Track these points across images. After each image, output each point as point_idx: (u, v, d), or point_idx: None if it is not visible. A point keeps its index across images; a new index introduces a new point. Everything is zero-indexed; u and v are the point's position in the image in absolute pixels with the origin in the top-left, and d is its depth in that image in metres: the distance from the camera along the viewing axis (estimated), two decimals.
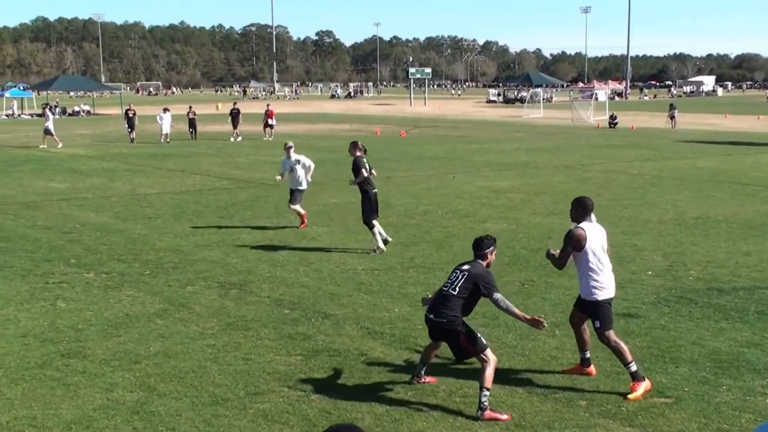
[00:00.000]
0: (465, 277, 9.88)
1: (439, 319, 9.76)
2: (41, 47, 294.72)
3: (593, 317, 10.06)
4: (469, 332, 9.73)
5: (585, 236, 10.02)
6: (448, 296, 9.81)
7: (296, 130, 63.97)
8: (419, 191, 27.64)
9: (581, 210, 10.32)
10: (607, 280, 10.06)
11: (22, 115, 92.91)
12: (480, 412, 9.29)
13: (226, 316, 13.11)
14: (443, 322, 9.72)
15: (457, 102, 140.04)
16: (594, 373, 10.46)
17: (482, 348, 9.65)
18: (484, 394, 9.33)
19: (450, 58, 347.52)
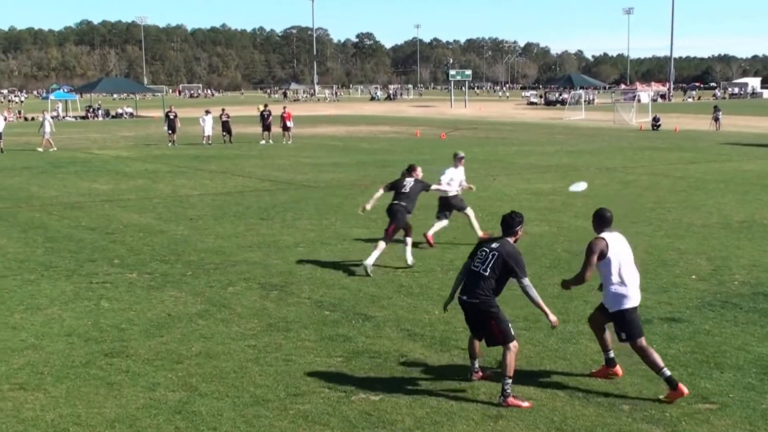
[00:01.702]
0: (495, 256, 9.95)
1: (472, 299, 9.90)
2: (85, 50, 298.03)
3: (620, 328, 10.01)
4: (502, 318, 9.88)
5: (606, 245, 10.12)
6: (480, 276, 9.91)
7: (336, 132, 64.15)
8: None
9: (600, 221, 10.45)
10: (632, 289, 10.09)
11: (67, 117, 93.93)
12: (503, 398, 9.44)
13: (267, 317, 13.17)
14: (477, 303, 9.88)
15: (497, 104, 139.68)
16: (620, 374, 10.40)
17: (511, 338, 9.76)
18: (507, 383, 9.49)
19: (490, 60, 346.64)
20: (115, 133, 63.84)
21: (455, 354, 11.26)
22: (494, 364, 10.59)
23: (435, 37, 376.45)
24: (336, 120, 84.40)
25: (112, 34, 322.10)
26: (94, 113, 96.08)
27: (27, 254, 18.07)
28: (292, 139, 52.62)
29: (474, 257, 10.13)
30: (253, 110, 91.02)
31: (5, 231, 21.02)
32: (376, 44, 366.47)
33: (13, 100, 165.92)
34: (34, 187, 29.95)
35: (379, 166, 37.18)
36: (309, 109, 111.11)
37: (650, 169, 35.12)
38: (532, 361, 10.94)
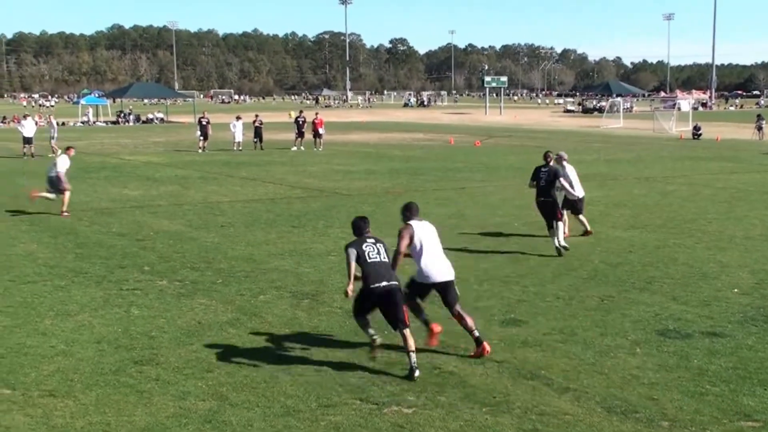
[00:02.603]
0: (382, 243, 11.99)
1: (393, 282, 11.52)
2: (116, 55, 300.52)
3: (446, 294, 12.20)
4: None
5: (414, 231, 12.16)
6: (386, 263, 11.67)
7: (369, 139, 64.23)
8: (494, 202, 27.54)
9: (408, 211, 12.68)
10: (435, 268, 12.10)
11: (97, 122, 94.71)
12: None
13: (298, 326, 13.19)
14: (396, 284, 11.56)
15: (533, 111, 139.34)
16: (488, 350, 11.69)
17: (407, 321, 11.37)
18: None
19: (526, 67, 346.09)
20: (146, 139, 64.30)
21: (489, 366, 11.23)
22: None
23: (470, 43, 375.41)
24: (368, 127, 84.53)
25: (144, 38, 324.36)
26: (125, 118, 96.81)
27: (57, 260, 18.23)
28: (323, 146, 52.71)
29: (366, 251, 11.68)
30: (284, 116, 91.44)
31: (36, 236, 21.22)
32: (409, 50, 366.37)
33: (44, 105, 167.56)
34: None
35: (412, 173, 37.19)
36: (341, 116, 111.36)
37: (690, 179, 34.89)
38: (569, 375, 10.88)
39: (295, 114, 59.26)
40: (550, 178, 19.33)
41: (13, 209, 25.98)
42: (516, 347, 12.05)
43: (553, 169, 19.52)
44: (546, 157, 19.91)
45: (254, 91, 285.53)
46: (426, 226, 12.62)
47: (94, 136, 68.54)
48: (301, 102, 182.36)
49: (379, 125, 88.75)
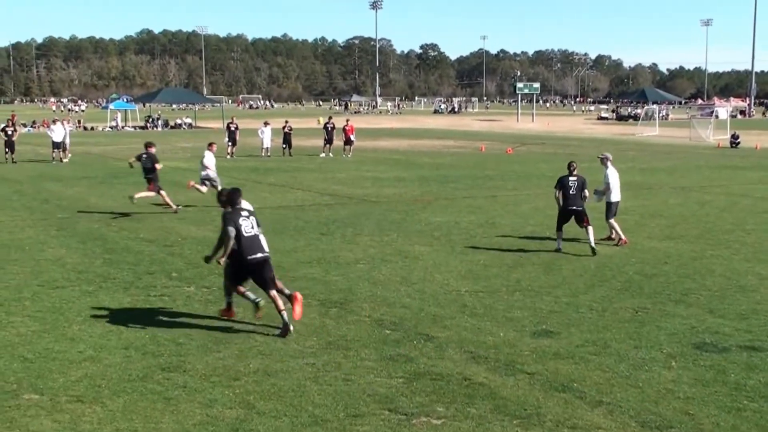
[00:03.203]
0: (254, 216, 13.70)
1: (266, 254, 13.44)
2: (145, 59, 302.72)
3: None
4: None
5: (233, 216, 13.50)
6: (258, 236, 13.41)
7: (398, 146, 64.27)
8: (526, 211, 27.48)
9: (230, 199, 13.78)
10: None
11: (126, 127, 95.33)
12: None
13: (326, 335, 13.22)
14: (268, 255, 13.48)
15: (566, 118, 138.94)
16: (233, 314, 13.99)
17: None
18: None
19: (560, 73, 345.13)
20: (174, 144, 64.61)
21: (520, 378, 11.20)
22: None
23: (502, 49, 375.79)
24: (398, 133, 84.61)
25: (173, 43, 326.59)
26: (153, 123, 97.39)
27: (86, 265, 18.37)
28: (352, 153, 52.74)
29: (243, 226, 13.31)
30: (313, 122, 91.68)
31: (64, 241, 21.39)
32: (440, 55, 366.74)
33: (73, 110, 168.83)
34: (92, 197, 30.44)
35: (442, 181, 37.18)
36: (370, 122, 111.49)
37: (728, 189, 34.66)
38: (602, 388, 10.83)
39: (323, 120, 59.36)
40: (579, 188, 20.18)
41: (42, 214, 26.17)
42: (548, 359, 12.02)
43: (581, 178, 20.37)
44: (570, 166, 20.66)
45: (283, 96, 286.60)
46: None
47: (122, 141, 69.01)
48: (330, 108, 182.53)
49: (409, 132, 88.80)
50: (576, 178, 20.37)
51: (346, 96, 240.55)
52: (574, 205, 20.22)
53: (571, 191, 20.22)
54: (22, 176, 38.64)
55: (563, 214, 20.49)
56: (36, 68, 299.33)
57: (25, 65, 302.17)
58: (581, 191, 20.31)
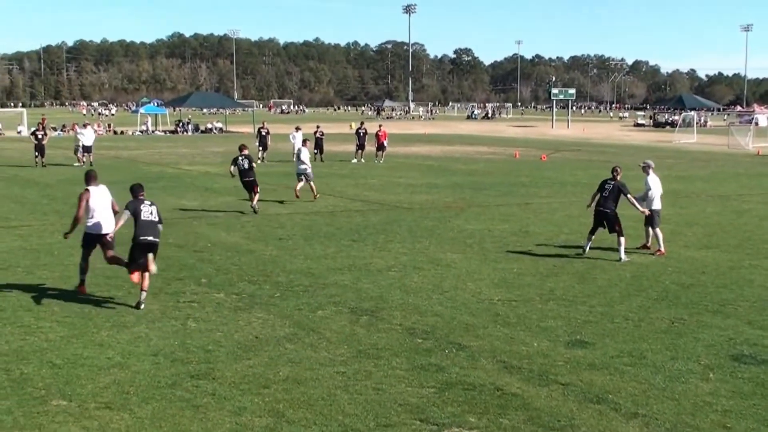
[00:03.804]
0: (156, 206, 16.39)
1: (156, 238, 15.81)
2: (176, 63, 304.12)
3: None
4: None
5: (90, 194, 16.40)
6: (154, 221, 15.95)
7: (431, 152, 64.24)
8: (560, 219, 27.38)
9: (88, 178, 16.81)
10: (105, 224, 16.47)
11: (156, 132, 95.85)
12: None
13: (356, 343, 13.23)
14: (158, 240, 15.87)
15: (602, 125, 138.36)
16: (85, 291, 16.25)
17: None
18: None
19: (595, 79, 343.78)
20: (204, 149, 64.93)
21: (554, 389, 11.16)
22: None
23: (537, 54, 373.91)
24: (431, 139, 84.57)
25: (204, 47, 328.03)
26: (184, 128, 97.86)
27: (114, 270, 18.40)
28: (384, 159, 52.74)
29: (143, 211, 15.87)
30: (345, 127, 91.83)
31: None
32: (474, 60, 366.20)
33: (102, 114, 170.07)
34: (121, 202, 30.46)
35: (475, 188, 37.13)
36: (403, 128, 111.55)
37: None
38: (638, 400, 10.77)
39: (356, 125, 59.41)
40: (613, 193, 20.47)
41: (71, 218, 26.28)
42: (582, 370, 11.97)
43: (618, 184, 20.58)
44: (614, 171, 20.98)
45: (314, 101, 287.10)
46: (101, 189, 16.86)
47: (152, 146, 69.40)
48: (362, 113, 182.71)
49: (442, 138, 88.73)
50: (614, 183, 20.65)
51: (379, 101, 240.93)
52: (603, 207, 20.55)
53: (605, 193, 20.63)
54: (52, 180, 38.95)
55: (594, 215, 20.90)
56: (66, 71, 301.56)
57: (56, 68, 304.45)
58: (616, 195, 20.55)
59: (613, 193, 20.54)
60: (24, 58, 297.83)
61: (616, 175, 20.85)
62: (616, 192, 20.55)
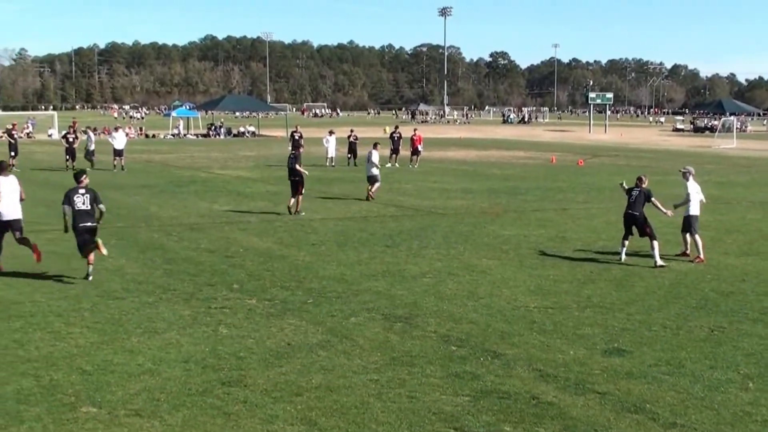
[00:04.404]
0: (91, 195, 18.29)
1: (94, 224, 18.25)
2: (208, 66, 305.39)
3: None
4: None
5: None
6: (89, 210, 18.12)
7: (466, 156, 64.19)
8: (598, 225, 27.26)
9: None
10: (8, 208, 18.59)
11: (188, 135, 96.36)
12: None
13: (390, 351, 13.21)
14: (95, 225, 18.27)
15: (640, 130, 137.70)
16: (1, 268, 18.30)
17: None
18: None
19: (634, 83, 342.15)
20: (237, 153, 65.18)
21: (591, 398, 11.10)
22: None
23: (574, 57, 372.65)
24: (466, 143, 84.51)
25: (237, 50, 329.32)
26: (216, 131, 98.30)
27: (145, 275, 18.58)
28: (418, 163, 52.71)
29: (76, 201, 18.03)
30: (379, 131, 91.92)
31: (124, 251, 21.64)
32: (510, 64, 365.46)
33: (134, 117, 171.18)
34: (153, 206, 30.78)
35: (511, 193, 37.05)
36: (438, 132, 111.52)
37: None
38: (676, 410, 10.70)
39: (390, 129, 59.42)
40: (640, 198, 21.05)
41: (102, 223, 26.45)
42: (619, 378, 11.90)
43: (644, 191, 21.20)
44: (639, 179, 21.64)
45: (348, 104, 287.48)
46: (11, 179, 18.95)
47: (184, 149, 69.80)
48: (396, 117, 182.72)
49: (477, 142, 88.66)
50: (640, 190, 21.25)
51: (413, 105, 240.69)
52: (631, 210, 21.11)
53: (631, 199, 21.24)
54: None
55: (623, 219, 21.50)
56: (98, 74, 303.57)
57: (87, 71, 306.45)
58: (642, 201, 21.07)
59: (639, 198, 21.12)
60: (55, 60, 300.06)
61: (641, 183, 21.44)
62: (643, 198, 21.10)
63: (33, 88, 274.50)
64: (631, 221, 21.12)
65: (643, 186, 21.31)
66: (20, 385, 11.38)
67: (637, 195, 21.13)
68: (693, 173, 22.34)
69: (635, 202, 21.10)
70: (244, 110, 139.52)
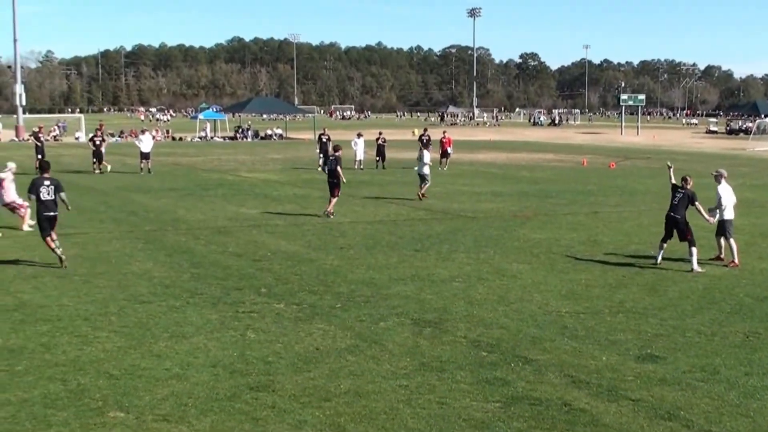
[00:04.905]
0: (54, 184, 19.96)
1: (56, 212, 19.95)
2: (236, 68, 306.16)
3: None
4: None
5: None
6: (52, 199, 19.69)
7: (496, 159, 64.10)
8: (630, 228, 27.14)
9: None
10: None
11: (215, 138, 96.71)
12: None
13: (419, 356, 13.20)
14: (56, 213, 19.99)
15: (673, 132, 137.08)
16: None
17: None
18: None
19: (666, 84, 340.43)
20: (264, 156, 65.36)
21: (624, 404, 11.04)
22: None
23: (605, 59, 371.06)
24: (496, 146, 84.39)
25: (264, 51, 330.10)
26: (243, 134, 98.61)
27: (173, 279, 18.65)
28: (448, 166, 52.67)
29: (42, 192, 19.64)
30: (407, 134, 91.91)
31: (152, 254, 21.74)
32: (540, 65, 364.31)
33: (161, 119, 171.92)
34: (180, 210, 30.88)
35: (542, 196, 36.94)
36: (467, 134, 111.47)
37: None
38: (710, 417, 10.63)
39: (418, 132, 59.37)
40: (683, 200, 20.83)
41: (129, 226, 26.64)
42: (653, 385, 11.84)
43: (688, 193, 20.90)
44: (684, 180, 21.20)
45: (376, 107, 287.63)
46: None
47: (211, 152, 70.03)
48: (425, 119, 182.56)
49: (507, 144, 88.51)
50: (685, 191, 20.96)
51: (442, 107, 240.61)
52: (674, 212, 20.93)
53: (674, 200, 21.04)
54: (109, 187, 39.40)
55: (665, 221, 21.31)
56: (125, 77, 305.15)
57: (114, 73, 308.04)
58: (686, 203, 20.88)
59: (683, 200, 20.86)
60: (82, 63, 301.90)
61: (686, 183, 21.12)
62: (686, 200, 20.84)
63: (59, 90, 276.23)
64: (672, 224, 20.94)
65: (688, 187, 21.05)
66: (47, 390, 11.44)
67: (681, 197, 20.92)
68: (725, 176, 22.12)
69: (678, 204, 20.90)
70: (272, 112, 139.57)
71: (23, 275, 18.89)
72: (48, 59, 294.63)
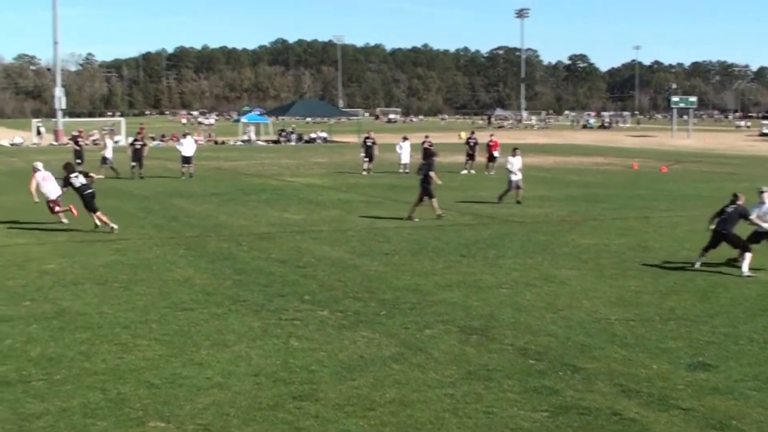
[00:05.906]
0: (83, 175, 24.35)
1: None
2: (279, 70, 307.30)
3: None
4: None
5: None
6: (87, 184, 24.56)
7: (544, 162, 63.87)
8: (682, 234, 26.93)
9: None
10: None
11: (258, 141, 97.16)
12: None
13: (466, 364, 13.17)
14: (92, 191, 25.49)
15: (725, 135, 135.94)
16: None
17: None
18: None
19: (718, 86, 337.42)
20: (308, 159, 65.59)
21: (675, 414, 10.97)
22: None
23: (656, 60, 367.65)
24: (544, 149, 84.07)
25: (308, 53, 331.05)
26: (286, 137, 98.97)
27: (215, 286, 18.73)
28: (495, 170, 52.51)
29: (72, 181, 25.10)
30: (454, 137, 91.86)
31: (193, 261, 21.86)
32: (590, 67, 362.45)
33: (203, 123, 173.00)
34: (222, 215, 31.03)
35: (591, 201, 36.77)
36: (515, 137, 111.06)
37: None
38: (763, 427, 10.53)
39: (465, 135, 59.29)
40: (733, 216, 20.87)
41: (170, 232, 26.80)
42: (705, 394, 11.75)
43: (739, 209, 20.95)
44: (734, 196, 21.38)
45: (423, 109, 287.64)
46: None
47: (254, 156, 70.35)
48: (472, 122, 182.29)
49: (556, 148, 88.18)
50: (735, 207, 21.00)
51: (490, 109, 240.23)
52: (723, 228, 20.89)
53: (724, 216, 21.03)
54: (150, 192, 39.66)
55: (713, 235, 21.19)
56: (166, 79, 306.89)
57: (155, 76, 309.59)
58: (736, 219, 20.91)
59: (733, 216, 20.89)
60: (123, 65, 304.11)
61: (737, 200, 21.17)
62: (737, 216, 20.90)
63: (100, 93, 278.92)
64: (720, 238, 20.94)
65: (739, 203, 21.04)
66: (87, 399, 11.52)
67: (732, 212, 20.89)
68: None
69: (728, 219, 20.85)
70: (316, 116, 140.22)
71: (63, 282, 19.04)
72: (88, 62, 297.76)
